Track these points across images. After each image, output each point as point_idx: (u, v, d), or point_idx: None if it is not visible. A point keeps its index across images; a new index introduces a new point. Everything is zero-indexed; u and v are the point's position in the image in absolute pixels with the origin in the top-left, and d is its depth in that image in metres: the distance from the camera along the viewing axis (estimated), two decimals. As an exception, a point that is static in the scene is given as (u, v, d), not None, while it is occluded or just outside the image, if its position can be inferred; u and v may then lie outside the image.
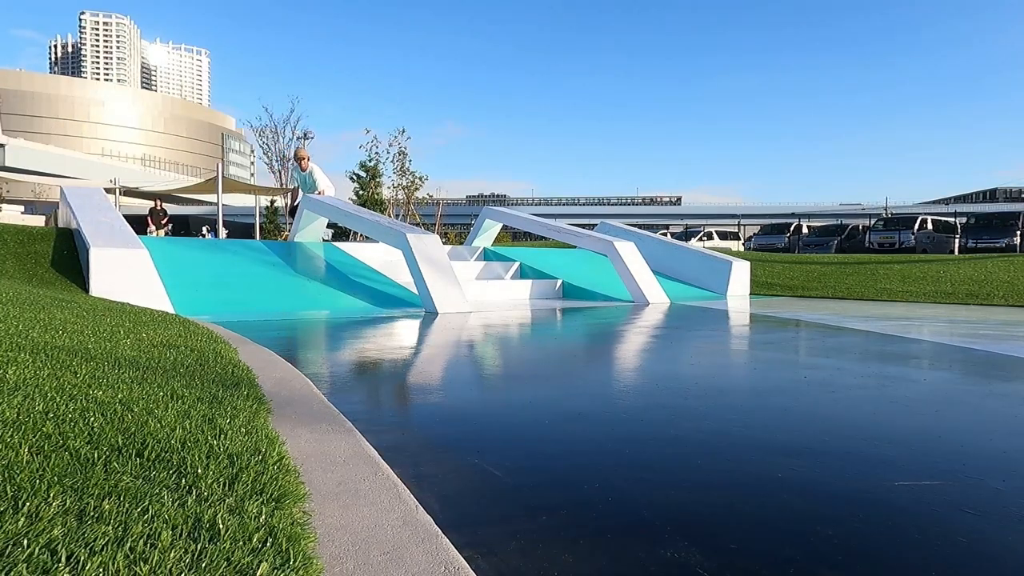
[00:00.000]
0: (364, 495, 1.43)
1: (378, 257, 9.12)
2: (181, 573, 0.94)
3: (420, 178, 20.20)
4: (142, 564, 0.94)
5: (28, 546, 0.94)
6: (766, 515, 1.55)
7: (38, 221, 23.62)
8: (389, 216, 18.68)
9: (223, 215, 24.05)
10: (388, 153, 20.39)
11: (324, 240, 10.62)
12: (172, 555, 0.98)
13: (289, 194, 12.93)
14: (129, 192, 31.29)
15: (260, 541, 1.07)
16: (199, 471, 1.34)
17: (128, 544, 0.99)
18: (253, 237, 26.37)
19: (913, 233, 21.44)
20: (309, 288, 7.48)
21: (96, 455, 1.35)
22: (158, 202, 18.28)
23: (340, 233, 21.07)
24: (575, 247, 10.88)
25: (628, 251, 9.20)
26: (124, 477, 1.25)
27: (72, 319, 3.47)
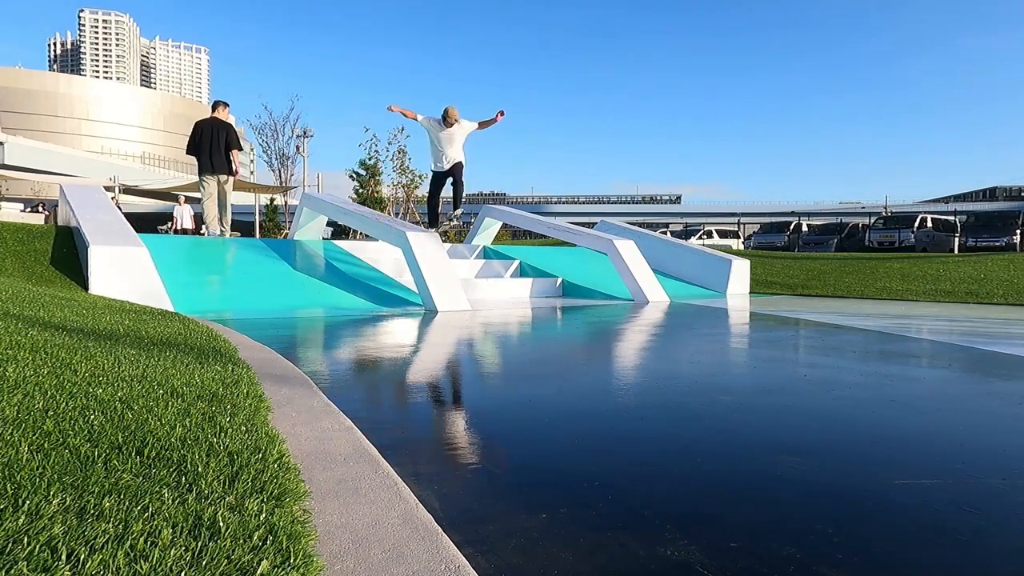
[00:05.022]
0: (364, 493, 1.43)
1: (378, 255, 9.12)
2: (181, 571, 0.94)
3: (420, 176, 20.19)
4: (142, 562, 0.94)
5: (29, 544, 0.94)
6: (766, 513, 1.55)
7: (38, 219, 23.60)
8: (389, 214, 18.67)
9: (223, 213, 23.93)
10: (387, 151, 20.40)
11: (324, 239, 10.61)
12: (172, 553, 0.98)
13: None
14: (129, 190, 31.26)
15: (260, 539, 1.07)
16: (199, 469, 1.34)
17: (128, 542, 0.99)
18: (253, 235, 26.34)
19: (913, 232, 21.45)
20: (309, 286, 7.48)
21: (96, 453, 1.35)
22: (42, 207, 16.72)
23: (340, 231, 21.06)
24: (575, 245, 10.88)
25: (628, 249, 9.20)
26: (124, 475, 1.25)
27: (72, 317, 3.47)
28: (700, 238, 29.86)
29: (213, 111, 8.69)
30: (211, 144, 8.35)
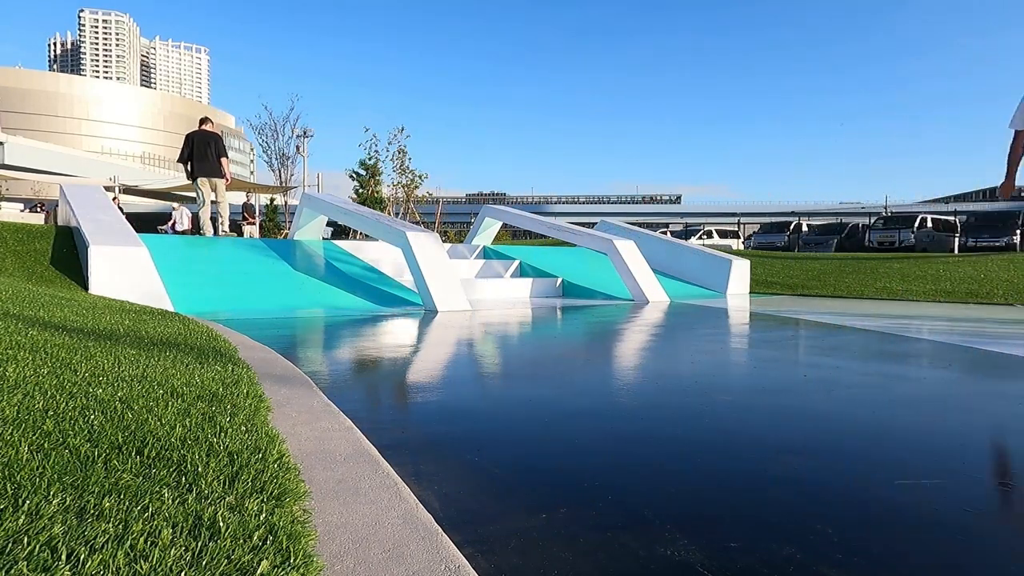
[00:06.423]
0: (364, 493, 1.43)
1: (378, 255, 9.12)
2: (181, 571, 0.94)
3: (420, 176, 20.17)
4: (142, 562, 0.94)
5: (29, 544, 0.94)
6: (766, 513, 1.55)
7: (37, 219, 23.59)
8: (389, 214, 18.66)
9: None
10: (387, 151, 20.38)
11: (324, 239, 10.62)
12: (172, 553, 0.98)
13: None
14: (129, 190, 31.27)
15: (260, 539, 1.07)
16: (199, 469, 1.34)
17: (128, 542, 0.99)
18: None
19: (913, 232, 21.46)
20: (309, 286, 7.48)
21: (96, 453, 1.35)
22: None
23: (340, 231, 21.06)
24: (575, 245, 10.88)
25: (628, 249, 9.20)
26: (124, 475, 1.25)
27: (72, 317, 3.47)
28: (700, 238, 29.86)
29: (201, 125, 9.57)
30: (203, 152, 9.27)
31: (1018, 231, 20.02)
